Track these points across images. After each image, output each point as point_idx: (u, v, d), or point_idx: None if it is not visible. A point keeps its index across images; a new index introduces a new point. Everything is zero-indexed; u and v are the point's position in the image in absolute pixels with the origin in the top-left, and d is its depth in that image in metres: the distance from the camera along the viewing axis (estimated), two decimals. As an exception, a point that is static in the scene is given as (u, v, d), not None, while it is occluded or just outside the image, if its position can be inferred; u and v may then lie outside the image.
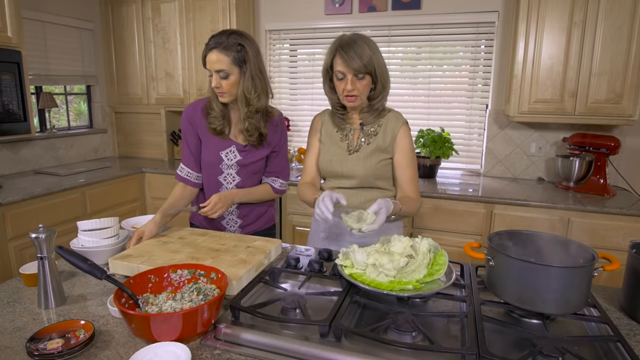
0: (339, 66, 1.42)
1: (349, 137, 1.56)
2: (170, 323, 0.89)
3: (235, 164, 1.63)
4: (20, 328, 1.01)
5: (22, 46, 2.55)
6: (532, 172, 2.97)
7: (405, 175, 1.53)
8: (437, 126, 3.08)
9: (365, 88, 1.45)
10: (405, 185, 1.53)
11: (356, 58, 1.38)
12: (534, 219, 2.39)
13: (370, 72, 1.42)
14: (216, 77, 1.49)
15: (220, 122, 1.58)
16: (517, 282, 1.01)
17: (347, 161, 1.54)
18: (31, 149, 3.10)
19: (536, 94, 2.55)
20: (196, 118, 1.62)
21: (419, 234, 2.61)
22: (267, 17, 3.43)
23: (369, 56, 1.40)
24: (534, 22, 2.48)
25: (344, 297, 1.07)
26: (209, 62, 1.49)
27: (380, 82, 1.45)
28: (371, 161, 1.51)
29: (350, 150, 1.54)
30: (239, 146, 1.62)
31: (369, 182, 1.54)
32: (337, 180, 1.58)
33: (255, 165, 1.66)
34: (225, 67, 1.48)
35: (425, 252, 1.13)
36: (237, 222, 1.72)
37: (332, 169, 1.57)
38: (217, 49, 1.47)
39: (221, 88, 1.50)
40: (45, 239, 1.09)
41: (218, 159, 1.62)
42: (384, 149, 1.52)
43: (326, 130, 1.61)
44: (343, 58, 1.40)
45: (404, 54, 3.16)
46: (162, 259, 1.25)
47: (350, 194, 1.54)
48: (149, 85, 3.50)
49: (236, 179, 1.66)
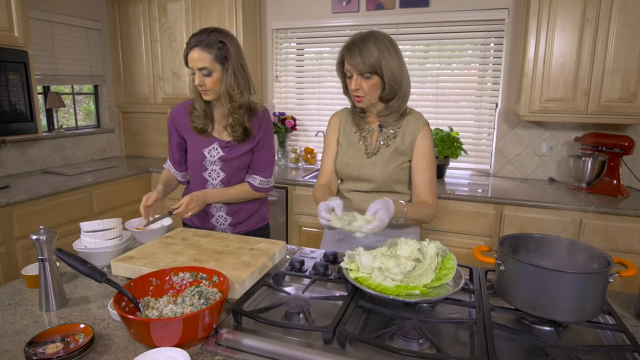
0: (347, 66, 1.39)
1: (367, 138, 1.52)
2: (170, 328, 0.86)
3: (218, 160, 1.64)
4: (20, 331, 0.99)
5: (29, 46, 2.56)
6: (543, 172, 2.91)
7: (422, 179, 1.47)
8: (446, 125, 3.03)
9: (372, 88, 1.39)
10: (422, 189, 1.47)
11: (358, 57, 1.34)
12: (545, 220, 2.34)
13: (378, 73, 1.36)
14: (199, 75, 1.51)
15: (202, 121, 1.60)
16: (528, 288, 0.97)
17: (365, 165, 1.49)
18: (39, 148, 3.11)
19: (547, 92, 2.49)
20: (179, 119, 1.67)
21: (426, 235, 2.58)
22: (274, 16, 3.41)
23: (376, 56, 1.34)
24: (545, 19, 2.43)
25: (349, 301, 1.04)
26: (191, 60, 1.49)
27: (389, 83, 1.38)
28: (390, 165, 1.46)
29: (369, 153, 1.50)
30: (222, 143, 1.63)
31: (387, 186, 1.49)
32: (354, 183, 1.54)
33: (239, 160, 1.66)
34: (208, 65, 1.49)
35: (433, 256, 1.09)
36: (227, 220, 1.72)
37: (349, 172, 1.53)
38: (199, 47, 1.48)
39: (204, 86, 1.52)
40: (46, 241, 1.08)
41: (201, 156, 1.64)
42: (403, 151, 1.47)
43: (344, 130, 1.56)
44: (347, 57, 1.38)
45: (412, 52, 3.12)
46: (164, 260, 1.24)
47: (367, 197, 1.50)
48: (155, 84, 3.50)
49: (221, 174, 1.66)
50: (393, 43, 1.40)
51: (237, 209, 1.72)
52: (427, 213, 1.45)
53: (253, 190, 1.70)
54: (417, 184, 1.48)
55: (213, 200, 1.65)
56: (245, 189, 1.69)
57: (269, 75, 3.54)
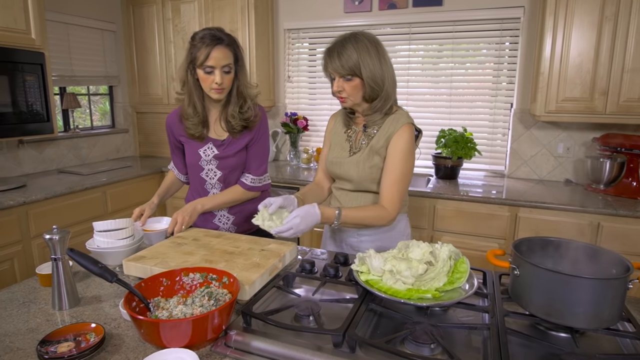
0: (328, 68, 1.42)
1: (353, 138, 1.54)
2: (180, 329, 0.86)
3: (213, 158, 1.65)
4: (33, 329, 1.01)
5: (46, 48, 2.60)
6: (560, 173, 2.86)
7: (385, 180, 1.42)
8: (459, 126, 2.99)
9: (353, 90, 1.40)
10: (383, 190, 1.42)
11: (337, 61, 1.36)
12: (561, 223, 2.29)
13: (357, 74, 1.37)
14: (220, 73, 1.50)
15: (198, 128, 1.61)
16: (544, 294, 0.95)
17: (345, 163, 1.51)
18: (55, 148, 3.16)
19: (564, 92, 2.44)
20: (174, 125, 1.69)
21: (439, 237, 2.55)
22: (286, 16, 3.41)
23: (354, 59, 1.34)
24: (562, 17, 2.38)
25: (360, 304, 1.02)
26: (216, 58, 1.48)
27: (369, 84, 1.38)
28: (365, 164, 1.47)
29: (351, 152, 1.52)
30: (217, 142, 1.65)
31: (364, 186, 1.50)
32: (340, 182, 1.58)
33: (235, 158, 1.66)
34: (230, 62, 1.51)
35: (446, 259, 1.08)
36: (230, 219, 1.73)
37: (333, 170, 1.57)
38: (222, 45, 1.49)
39: (223, 84, 1.51)
40: (59, 240, 1.09)
41: (197, 157, 1.67)
42: (377, 150, 1.45)
43: (336, 130, 1.60)
44: (327, 60, 1.40)
45: (425, 52, 3.09)
46: (175, 261, 1.24)
47: (350, 196, 1.54)
48: (169, 85, 3.53)
49: (218, 173, 1.67)
50: (375, 44, 1.39)
51: (238, 209, 1.72)
52: (372, 216, 1.39)
53: (245, 190, 1.69)
54: (382, 183, 1.44)
55: (205, 208, 1.62)
56: (237, 190, 1.68)
57: (281, 75, 3.54)
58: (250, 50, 3.19)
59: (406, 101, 3.17)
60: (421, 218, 2.59)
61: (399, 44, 3.13)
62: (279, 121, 3.57)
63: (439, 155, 2.86)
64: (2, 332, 0.99)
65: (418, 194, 2.56)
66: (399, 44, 3.13)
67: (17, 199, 2.28)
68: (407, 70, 3.14)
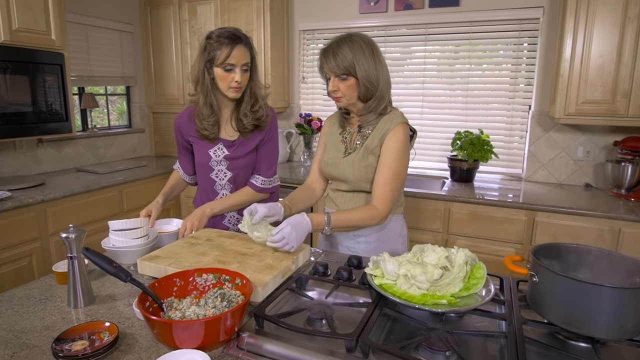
0: (324, 67, 1.43)
1: (348, 139, 1.54)
2: (193, 330, 0.86)
3: (224, 159, 1.66)
4: (49, 327, 1.02)
5: (65, 48, 2.64)
6: (579, 177, 2.79)
7: (378, 179, 1.42)
8: (475, 128, 2.95)
9: (349, 89, 1.41)
10: (375, 190, 1.42)
11: (332, 60, 1.38)
12: (581, 228, 2.24)
13: (352, 74, 1.38)
14: (240, 71, 1.52)
15: (214, 129, 1.62)
16: (564, 302, 0.92)
17: (340, 164, 1.51)
18: (73, 147, 3.21)
19: (585, 94, 2.39)
20: (184, 125, 1.69)
21: (454, 241, 2.52)
22: (301, 17, 3.41)
23: (349, 59, 1.36)
24: (583, 17, 2.32)
25: (373, 309, 1.01)
26: (237, 56, 1.50)
27: (363, 84, 1.38)
28: (360, 164, 1.47)
29: (346, 152, 1.52)
30: (227, 142, 1.65)
31: (359, 186, 1.49)
32: (335, 183, 1.58)
33: (245, 159, 1.67)
34: (249, 61, 1.54)
35: (462, 264, 1.05)
36: (239, 220, 1.73)
37: (328, 171, 1.56)
38: (242, 44, 1.51)
39: (242, 83, 1.54)
40: (75, 239, 1.10)
41: (207, 157, 1.67)
42: (371, 150, 1.46)
43: (331, 131, 1.61)
44: (322, 60, 1.42)
45: (441, 52, 3.05)
46: (189, 261, 1.24)
47: (346, 197, 1.54)
48: (184, 85, 3.56)
49: (228, 174, 1.68)
50: (370, 45, 1.40)
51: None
52: (362, 217, 1.39)
53: (255, 192, 1.69)
54: (375, 182, 1.44)
55: (214, 212, 1.61)
56: (246, 192, 1.69)
57: (296, 76, 3.54)
58: (265, 51, 3.20)
59: (421, 102, 3.14)
60: (435, 221, 2.56)
61: (414, 45, 3.10)
62: (293, 122, 3.57)
63: (454, 158, 2.82)
64: (19, 329, 1.00)
65: (432, 196, 2.53)
66: (415, 45, 3.10)
67: (35, 196, 2.32)
68: (422, 72, 3.11)
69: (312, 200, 1.64)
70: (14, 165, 2.81)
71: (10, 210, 2.21)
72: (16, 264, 2.27)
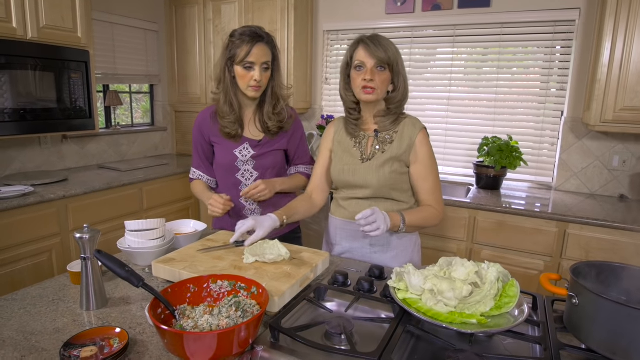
0: (361, 57, 1.38)
1: (363, 144, 1.47)
2: (205, 342, 0.82)
3: (250, 159, 1.64)
4: (59, 329, 0.99)
5: (91, 46, 2.66)
6: (614, 188, 2.65)
7: (425, 186, 1.44)
8: (503, 134, 2.84)
9: (383, 83, 1.38)
10: (427, 196, 1.45)
11: (380, 47, 1.36)
12: (616, 242, 2.11)
13: (392, 67, 1.38)
14: (259, 70, 1.50)
15: (234, 126, 1.60)
16: (608, 328, 0.84)
17: (359, 170, 1.44)
18: (97, 144, 3.24)
19: (623, 100, 2.25)
20: (205, 125, 1.66)
21: (479, 251, 2.42)
22: (326, 18, 3.36)
23: (393, 50, 1.38)
24: (624, 19, 2.19)
25: (396, 326, 0.95)
26: (257, 54, 1.49)
27: (396, 81, 1.40)
28: (385, 170, 1.41)
29: (364, 158, 1.45)
30: (253, 142, 1.63)
31: (383, 193, 1.43)
32: (351, 191, 1.50)
33: (271, 157, 1.65)
34: (270, 59, 1.53)
35: (493, 281, 0.98)
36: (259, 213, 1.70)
37: (344, 179, 1.48)
38: (263, 42, 1.50)
39: (261, 82, 1.52)
40: (89, 240, 1.07)
41: (233, 158, 1.64)
42: (399, 157, 1.42)
43: (339, 138, 1.54)
44: (367, 47, 1.37)
45: (469, 55, 2.95)
46: (204, 265, 1.20)
47: (364, 204, 1.46)
48: (207, 85, 3.56)
49: (254, 174, 1.66)
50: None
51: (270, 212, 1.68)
52: (428, 216, 1.42)
53: (307, 179, 1.74)
54: (422, 191, 1.45)
55: (281, 187, 1.65)
56: (301, 178, 1.75)
57: (319, 77, 3.49)
58: (289, 51, 3.16)
59: (447, 106, 3.05)
60: (459, 229, 2.46)
61: (441, 47, 3.01)
62: (314, 123, 3.52)
63: (480, 164, 2.72)
64: (30, 331, 0.98)
65: (457, 204, 2.43)
66: (442, 47, 3.01)
67: (57, 192, 2.34)
68: (449, 75, 3.01)
69: (312, 212, 1.58)
70: (38, 161, 2.85)
71: (32, 205, 2.22)
72: (36, 259, 2.28)
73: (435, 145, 3.11)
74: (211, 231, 1.65)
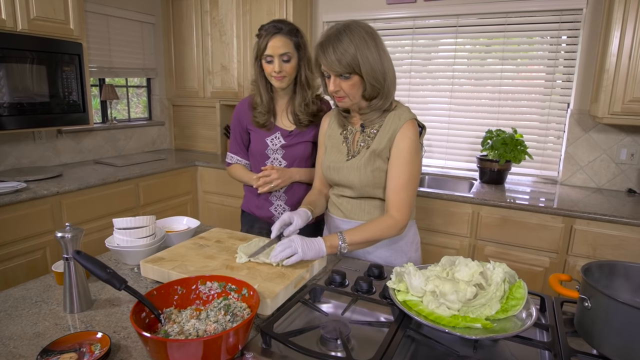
0: (322, 64, 1.25)
1: (350, 140, 1.39)
2: (189, 350, 0.76)
3: (280, 148, 1.67)
4: (40, 334, 0.93)
5: (84, 38, 2.60)
6: (621, 182, 2.58)
7: (392, 184, 1.28)
8: (508, 127, 2.76)
9: (352, 88, 1.25)
10: (390, 196, 1.28)
11: (332, 56, 1.20)
12: (624, 238, 2.04)
13: (356, 71, 1.21)
14: (278, 61, 1.52)
15: (265, 116, 1.65)
16: (623, 334, 0.78)
17: (343, 168, 1.36)
18: (93, 139, 3.19)
19: (632, 92, 2.18)
20: (243, 113, 1.72)
21: (482, 247, 2.35)
22: (325, 8, 3.28)
23: (352, 54, 1.19)
24: (634, 8, 2.11)
25: (396, 330, 0.89)
26: (273, 47, 1.51)
27: (369, 82, 1.23)
28: (367, 169, 1.32)
29: (349, 155, 1.37)
30: (284, 132, 1.66)
31: (367, 192, 1.35)
32: (339, 189, 1.43)
33: (302, 148, 1.66)
34: (290, 50, 1.52)
35: (499, 283, 0.92)
36: (285, 209, 1.69)
37: (330, 177, 1.42)
38: (280, 34, 1.51)
39: (283, 72, 1.53)
40: (71, 239, 1.02)
41: (264, 145, 1.68)
42: (379, 153, 1.30)
43: (331, 132, 1.46)
44: (320, 56, 1.23)
45: (472, 46, 2.87)
46: (195, 265, 1.15)
47: (353, 204, 1.40)
48: (205, 78, 3.49)
49: (282, 163, 1.68)
50: (372, 35, 1.24)
51: (295, 201, 1.69)
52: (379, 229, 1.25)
53: None
54: (388, 187, 1.29)
55: (301, 178, 1.66)
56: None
57: (318, 70, 3.41)
58: (287, 43, 3.08)
59: (450, 98, 2.97)
60: (462, 225, 2.40)
61: (444, 38, 2.93)
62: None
63: (484, 158, 2.65)
64: (8, 335, 0.93)
65: (460, 199, 2.37)
66: (445, 38, 2.93)
67: (51, 188, 2.29)
68: (452, 66, 2.94)
69: (324, 208, 1.52)
70: (33, 156, 2.80)
71: (25, 201, 2.17)
72: (29, 257, 2.24)
73: (438, 139, 3.05)
74: (205, 228, 1.60)
